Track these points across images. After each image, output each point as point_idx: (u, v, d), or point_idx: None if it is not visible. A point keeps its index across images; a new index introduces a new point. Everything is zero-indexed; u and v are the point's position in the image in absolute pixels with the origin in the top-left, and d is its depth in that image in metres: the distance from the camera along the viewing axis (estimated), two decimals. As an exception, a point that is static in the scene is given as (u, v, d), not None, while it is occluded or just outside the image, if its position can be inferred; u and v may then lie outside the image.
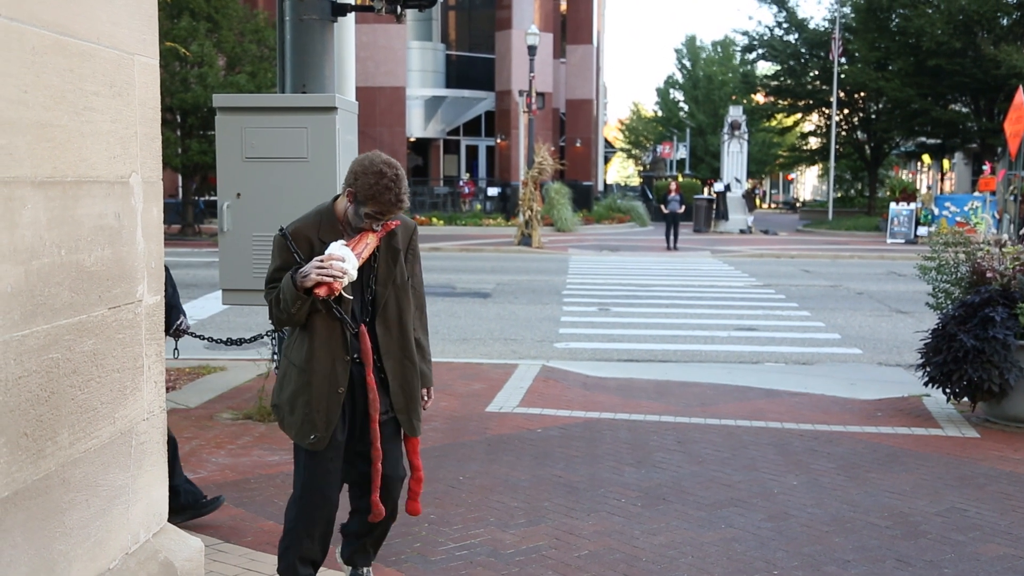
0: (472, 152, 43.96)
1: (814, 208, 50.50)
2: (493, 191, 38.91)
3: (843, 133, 44.41)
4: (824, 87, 42.84)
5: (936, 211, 29.91)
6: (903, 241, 29.93)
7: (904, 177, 47.56)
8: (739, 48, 52.18)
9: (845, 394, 8.63)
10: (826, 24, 43.18)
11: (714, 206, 36.70)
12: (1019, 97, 21.37)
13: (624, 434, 7.07)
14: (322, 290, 3.48)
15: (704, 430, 7.22)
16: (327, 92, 7.20)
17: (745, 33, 46.79)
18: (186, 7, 26.00)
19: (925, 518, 5.37)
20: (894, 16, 38.81)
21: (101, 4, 2.94)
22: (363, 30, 33.19)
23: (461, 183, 39.70)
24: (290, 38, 7.33)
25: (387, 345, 3.72)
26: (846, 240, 31.73)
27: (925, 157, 50.61)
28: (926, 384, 7.64)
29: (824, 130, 45.49)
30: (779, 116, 50.21)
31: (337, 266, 3.47)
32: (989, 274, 7.76)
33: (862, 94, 42.32)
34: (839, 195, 51.94)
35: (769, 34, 45.19)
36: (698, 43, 65.76)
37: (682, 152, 60.22)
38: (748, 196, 39.19)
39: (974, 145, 40.58)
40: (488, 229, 32.16)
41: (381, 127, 36.96)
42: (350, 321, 3.63)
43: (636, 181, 75.96)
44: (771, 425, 7.39)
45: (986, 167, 33.34)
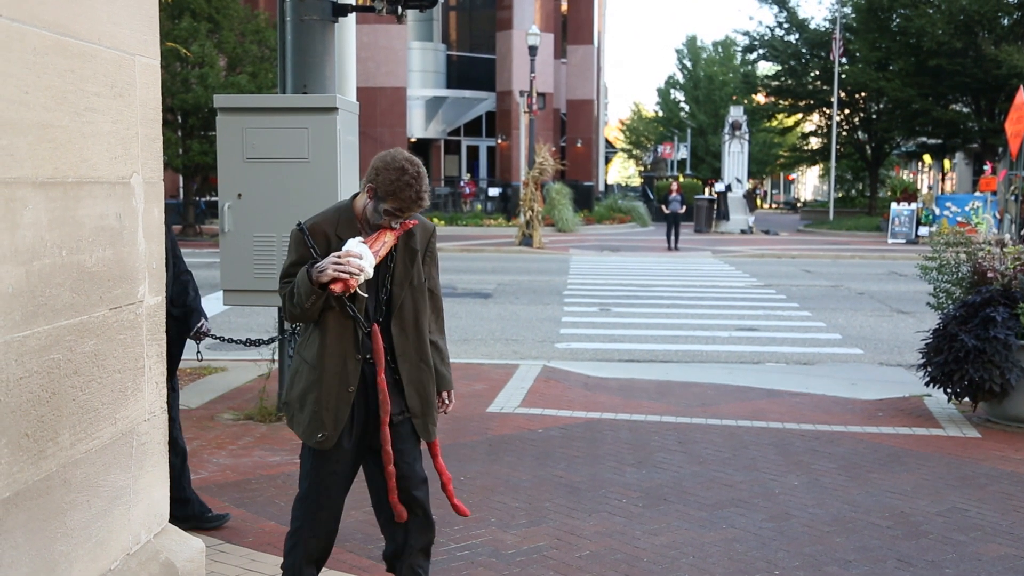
0: (473, 152, 43.99)
1: (815, 208, 50.47)
2: (494, 191, 38.93)
3: (844, 133, 44.40)
4: (825, 87, 42.83)
5: (937, 211, 29.91)
6: (904, 241, 29.92)
7: (905, 177, 47.44)
8: (740, 48, 52.18)
9: (846, 394, 8.63)
10: (827, 24, 43.17)
11: (715, 206, 36.67)
12: (1020, 97, 21.36)
13: (625, 434, 7.07)
14: (337, 286, 3.44)
15: (705, 430, 7.22)
16: (328, 92, 7.21)
17: (746, 33, 46.80)
18: (187, 7, 26.01)
19: (926, 518, 5.37)
20: (895, 16, 38.80)
21: (102, 5, 2.94)
22: (364, 30, 33.21)
23: (462, 183, 39.72)
24: (291, 39, 7.33)
25: (402, 347, 3.67)
26: (847, 240, 31.71)
27: (926, 157, 50.62)
28: (927, 384, 7.64)
29: (825, 130, 45.49)
30: (780, 116, 50.18)
31: (354, 263, 3.43)
32: (990, 274, 7.76)
33: (863, 94, 42.30)
34: (840, 195, 51.92)
35: (770, 34, 45.18)
36: (699, 43, 65.76)
37: (683, 152, 60.19)
38: (749, 196, 39.15)
39: (975, 145, 40.56)
40: (489, 229, 32.16)
41: (382, 127, 36.98)
42: (363, 320, 3.60)
43: (637, 181, 75.94)
44: (772, 425, 7.39)
45: (987, 167, 33.31)
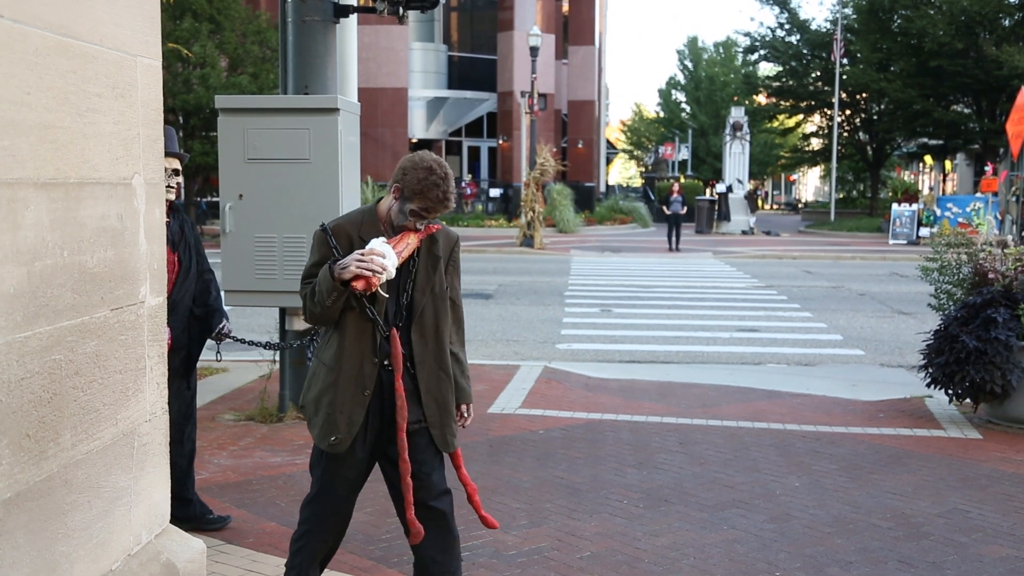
0: (474, 153, 44.00)
1: (816, 209, 50.44)
2: (495, 192, 38.92)
3: (845, 134, 44.40)
4: (826, 88, 42.83)
5: (938, 212, 29.90)
6: (905, 242, 29.91)
7: (906, 178, 47.51)
8: (741, 49, 52.18)
9: (847, 395, 8.63)
10: (828, 25, 43.17)
11: (716, 207, 36.67)
12: (1021, 98, 21.30)
13: (626, 435, 7.06)
14: (359, 283, 3.42)
15: (706, 431, 7.22)
16: (329, 93, 7.21)
17: (747, 34, 46.82)
18: (188, 8, 26.05)
19: (927, 519, 5.36)
20: (896, 17, 38.81)
21: (104, 5, 2.94)
22: (365, 31, 33.22)
23: (463, 184, 39.68)
24: (292, 39, 7.33)
25: (422, 354, 3.63)
26: (848, 241, 31.71)
27: (927, 158, 50.62)
28: (928, 385, 7.64)
29: (826, 131, 45.47)
30: (781, 117, 50.17)
31: (378, 261, 3.42)
32: (991, 275, 7.75)
33: (864, 95, 42.31)
34: (841, 196, 51.87)
35: (771, 35, 45.19)
36: (700, 44, 65.80)
37: (684, 153, 60.19)
38: (750, 197, 39.13)
39: (976, 146, 40.56)
40: (490, 230, 32.16)
41: (383, 128, 37.00)
42: (382, 323, 3.58)
43: (638, 182, 75.88)
44: (773, 426, 7.38)
45: (988, 168, 33.27)
